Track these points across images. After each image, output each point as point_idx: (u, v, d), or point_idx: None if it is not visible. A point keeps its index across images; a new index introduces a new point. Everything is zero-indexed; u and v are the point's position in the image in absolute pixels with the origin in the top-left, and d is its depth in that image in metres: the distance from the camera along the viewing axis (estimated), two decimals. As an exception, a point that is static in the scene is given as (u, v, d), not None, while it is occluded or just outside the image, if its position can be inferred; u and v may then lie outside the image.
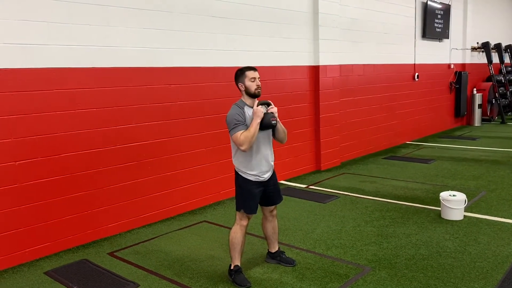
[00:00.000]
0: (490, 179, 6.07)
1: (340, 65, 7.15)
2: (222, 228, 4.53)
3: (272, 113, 3.25)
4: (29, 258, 3.86)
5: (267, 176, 3.36)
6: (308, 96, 6.67)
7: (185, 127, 4.99)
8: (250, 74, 3.24)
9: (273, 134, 3.44)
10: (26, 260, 3.85)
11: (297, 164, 6.61)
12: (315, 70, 6.70)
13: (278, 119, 3.29)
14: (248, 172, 3.30)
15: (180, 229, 4.55)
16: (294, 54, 6.37)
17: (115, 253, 3.99)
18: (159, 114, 4.72)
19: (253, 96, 3.25)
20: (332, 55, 6.88)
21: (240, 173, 3.34)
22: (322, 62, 6.70)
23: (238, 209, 3.34)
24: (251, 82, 3.23)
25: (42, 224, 3.92)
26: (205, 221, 4.77)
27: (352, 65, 7.55)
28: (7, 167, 3.67)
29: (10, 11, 3.60)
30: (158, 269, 3.62)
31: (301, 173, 6.71)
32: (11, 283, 3.48)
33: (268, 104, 3.30)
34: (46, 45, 3.83)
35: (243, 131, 3.15)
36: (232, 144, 3.33)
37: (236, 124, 3.16)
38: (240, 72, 3.27)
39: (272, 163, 3.42)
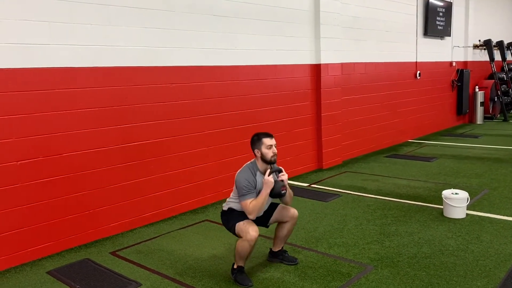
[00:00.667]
0: (493, 177, 6.05)
1: (342, 64, 7.14)
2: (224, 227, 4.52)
3: (282, 181, 3.26)
4: (31, 257, 3.87)
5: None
6: (309, 95, 6.67)
7: (186, 126, 4.99)
8: (267, 141, 3.24)
9: (279, 197, 3.43)
10: (28, 259, 3.85)
11: (298, 163, 6.60)
12: (316, 69, 6.69)
13: (287, 187, 3.30)
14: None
15: (182, 228, 4.55)
16: (296, 52, 6.36)
17: (117, 253, 3.99)
18: (160, 114, 4.72)
19: (268, 163, 3.26)
20: (333, 53, 6.87)
21: (232, 208, 3.35)
22: (324, 60, 6.69)
23: (234, 230, 3.28)
24: (268, 149, 3.24)
25: (44, 224, 3.92)
26: (206, 220, 4.77)
27: (354, 63, 7.53)
28: (9, 167, 3.67)
29: (11, 11, 3.60)
30: (160, 269, 3.63)
31: (303, 172, 6.70)
32: (13, 283, 3.48)
33: (279, 171, 3.29)
34: (48, 45, 3.83)
35: (252, 199, 3.17)
36: (234, 189, 3.33)
37: (246, 191, 3.18)
38: (257, 138, 3.28)
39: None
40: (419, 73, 9.35)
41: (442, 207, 4.71)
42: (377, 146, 8.35)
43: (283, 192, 3.27)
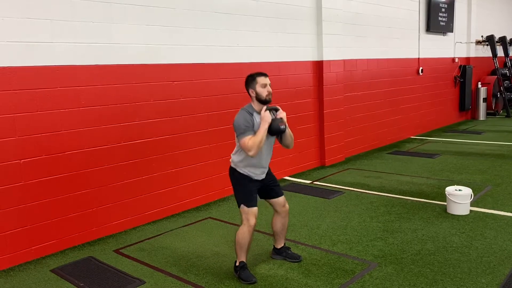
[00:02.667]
0: (496, 173, 6.03)
1: (344, 60, 7.12)
2: (227, 224, 4.53)
3: (280, 118, 3.23)
4: (35, 255, 3.87)
5: (261, 177, 3.38)
6: (312, 92, 6.65)
7: (189, 124, 4.98)
8: (261, 80, 3.23)
9: (280, 140, 3.43)
10: (32, 258, 3.86)
11: (301, 160, 6.60)
12: (319, 65, 6.67)
13: (286, 125, 3.28)
14: (244, 169, 3.31)
15: (185, 225, 4.55)
16: (298, 49, 6.34)
17: (120, 250, 3.99)
18: (163, 111, 4.71)
19: (263, 102, 3.24)
20: (335, 50, 6.85)
21: (237, 168, 3.34)
22: (326, 57, 6.67)
23: (239, 205, 3.33)
24: (262, 88, 3.22)
25: (47, 222, 3.93)
26: (210, 217, 4.77)
27: (356, 60, 7.51)
28: (11, 165, 3.67)
29: (13, 9, 3.59)
30: (164, 266, 3.63)
31: (306, 169, 6.69)
32: (17, 281, 3.49)
33: (276, 110, 3.28)
34: (50, 43, 3.82)
35: (251, 136, 3.15)
36: (237, 145, 3.33)
37: (244, 129, 3.15)
38: (251, 78, 3.26)
39: (268, 166, 3.45)
40: (422, 70, 9.32)
41: (445, 203, 4.70)
42: (379, 143, 8.33)
43: (282, 127, 3.21)
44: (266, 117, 3.17)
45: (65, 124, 3.97)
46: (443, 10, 9.75)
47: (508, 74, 12.11)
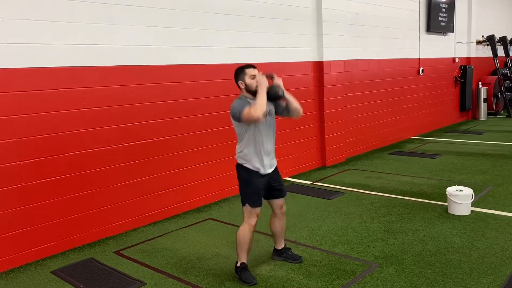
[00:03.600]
0: (497, 174, 6.02)
1: (344, 61, 7.11)
2: (228, 225, 4.52)
3: (278, 85, 3.20)
4: (35, 257, 3.87)
5: (269, 171, 3.34)
6: (312, 92, 6.64)
7: (189, 125, 4.98)
8: (250, 71, 3.22)
9: (287, 110, 3.37)
10: (32, 259, 3.85)
11: (302, 160, 6.59)
12: (319, 66, 6.67)
13: (284, 90, 3.23)
14: (250, 163, 3.27)
15: (186, 227, 4.54)
16: (298, 50, 6.33)
17: (121, 252, 3.99)
18: (163, 112, 4.71)
19: (253, 93, 3.21)
20: (336, 50, 6.84)
21: (244, 164, 3.31)
22: (326, 57, 6.67)
23: (243, 203, 3.32)
24: (252, 79, 3.21)
25: (48, 223, 3.92)
26: (210, 218, 4.76)
27: (357, 60, 7.51)
28: (12, 166, 3.67)
29: (14, 10, 3.59)
30: (165, 267, 3.62)
31: (306, 169, 6.69)
32: (18, 283, 3.49)
33: (272, 77, 3.24)
34: (51, 44, 3.82)
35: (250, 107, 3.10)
36: (237, 134, 3.30)
37: (242, 106, 3.11)
38: (240, 70, 3.26)
39: (274, 160, 3.41)
40: (422, 70, 9.31)
41: (446, 204, 4.69)
42: (380, 143, 8.33)
43: (279, 93, 3.16)
44: (263, 80, 3.13)
45: (65, 126, 3.97)
46: (444, 10, 9.74)
47: (508, 74, 12.09)
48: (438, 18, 9.59)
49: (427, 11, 9.32)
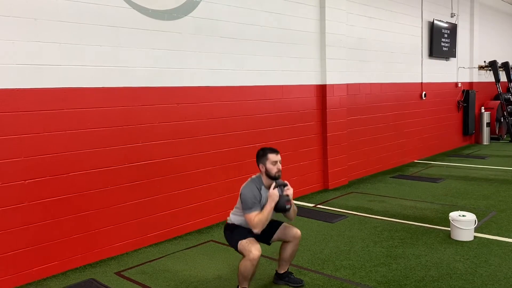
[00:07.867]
0: (500, 199, 6.00)
1: (347, 84, 7.18)
2: (229, 248, 4.49)
3: (287, 195, 3.27)
4: (36, 277, 3.86)
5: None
6: (315, 115, 6.69)
7: (192, 146, 5.01)
8: (272, 157, 3.27)
9: (284, 215, 3.43)
10: (33, 279, 3.84)
11: (304, 183, 6.59)
12: (322, 89, 6.73)
13: (292, 202, 3.32)
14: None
15: (187, 248, 4.53)
16: (302, 73, 6.41)
17: (122, 273, 3.97)
18: (166, 133, 4.75)
19: (272, 178, 3.27)
20: (339, 74, 6.92)
21: (234, 223, 3.36)
22: (329, 81, 6.74)
23: (236, 247, 3.28)
24: (272, 165, 3.26)
25: (49, 243, 3.92)
26: (212, 240, 4.75)
27: (359, 84, 7.58)
28: (16, 185, 3.70)
29: (22, 32, 3.67)
30: (165, 290, 3.60)
31: (309, 192, 6.68)
32: (18, 303, 3.47)
33: (284, 185, 3.30)
34: (58, 66, 3.89)
35: (257, 212, 3.18)
36: (238, 202, 3.35)
37: (252, 205, 3.19)
38: (263, 153, 3.31)
39: None
40: (425, 94, 9.37)
41: (449, 229, 4.66)
42: (383, 166, 8.32)
43: (287, 206, 3.25)
44: (274, 195, 3.20)
45: (71, 146, 4.01)
46: (446, 35, 9.86)
47: (511, 99, 12.15)
48: (440, 44, 9.70)
49: (429, 36, 9.44)
